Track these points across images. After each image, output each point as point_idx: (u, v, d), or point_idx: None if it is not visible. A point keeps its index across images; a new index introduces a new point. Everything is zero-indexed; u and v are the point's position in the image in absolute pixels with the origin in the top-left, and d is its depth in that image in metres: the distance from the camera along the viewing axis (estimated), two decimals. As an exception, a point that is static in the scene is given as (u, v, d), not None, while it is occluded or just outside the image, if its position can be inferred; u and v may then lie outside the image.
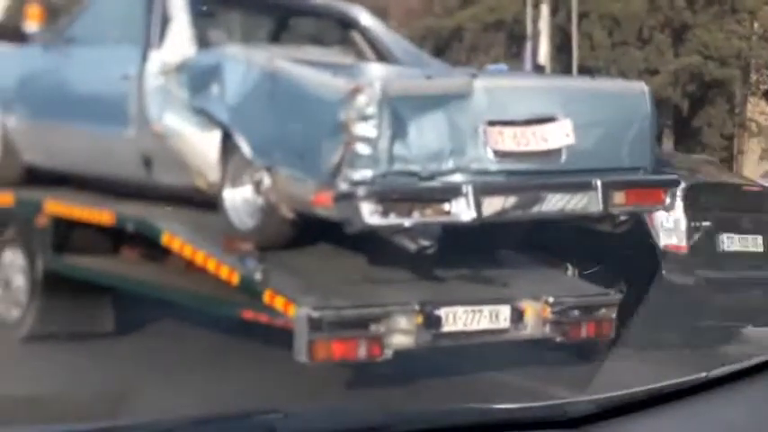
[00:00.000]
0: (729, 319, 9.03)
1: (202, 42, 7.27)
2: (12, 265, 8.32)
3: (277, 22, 8.28)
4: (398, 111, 5.95)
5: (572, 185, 6.42)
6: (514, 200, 6.21)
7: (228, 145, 6.78)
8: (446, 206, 5.99)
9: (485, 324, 6.57)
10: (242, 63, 6.79)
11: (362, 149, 5.87)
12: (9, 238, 8.45)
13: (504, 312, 6.64)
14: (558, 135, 6.39)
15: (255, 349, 7.31)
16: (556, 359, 7.38)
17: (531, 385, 6.87)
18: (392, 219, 5.88)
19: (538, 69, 26.68)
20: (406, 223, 5.94)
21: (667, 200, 6.84)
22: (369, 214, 5.81)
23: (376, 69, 7.42)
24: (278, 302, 6.22)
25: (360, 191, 5.83)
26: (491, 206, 6.09)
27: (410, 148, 5.98)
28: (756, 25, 36.00)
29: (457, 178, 6.10)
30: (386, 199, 5.87)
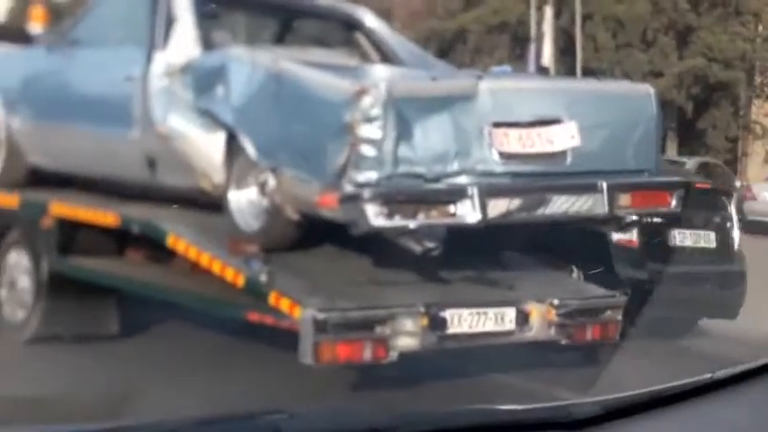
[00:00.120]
0: (682, 312, 9.11)
1: (207, 44, 7.27)
2: (17, 267, 8.31)
3: (281, 24, 8.28)
4: (403, 112, 5.94)
5: (577, 187, 6.41)
6: (520, 202, 6.20)
7: (233, 146, 6.77)
8: (451, 208, 5.98)
9: (490, 326, 6.56)
10: (247, 64, 6.79)
11: (367, 151, 5.86)
12: (14, 240, 8.44)
13: (509, 314, 6.63)
14: (564, 137, 6.38)
15: (260, 350, 7.31)
16: (560, 361, 7.36)
17: (535, 387, 6.86)
18: (397, 220, 5.87)
19: (542, 71, 26.70)
20: (412, 225, 5.93)
21: (673, 202, 6.81)
22: (374, 216, 5.80)
23: (381, 71, 7.42)
24: (283, 304, 6.21)
25: (365, 192, 5.82)
26: (496, 208, 6.07)
27: (415, 150, 5.98)
28: (761, 27, 36.04)
29: (462, 180, 6.09)
30: (391, 201, 5.86)
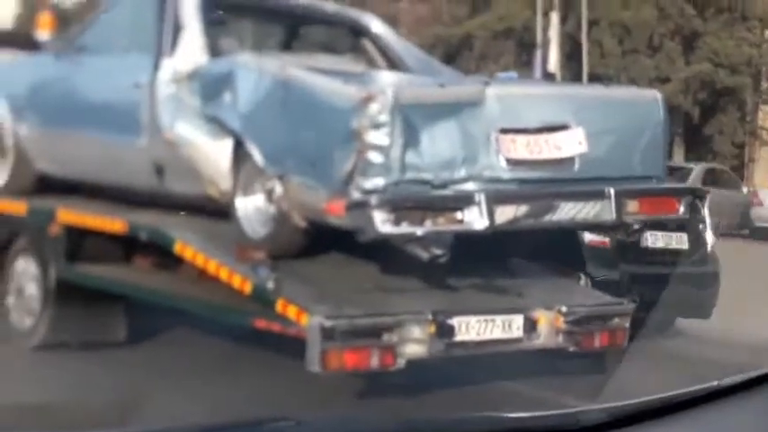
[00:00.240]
0: (656, 313, 9.12)
1: (214, 50, 7.27)
2: (24, 274, 8.31)
3: (288, 30, 8.28)
4: (411, 119, 5.93)
5: (585, 194, 6.39)
6: (527, 208, 6.17)
7: (240, 153, 6.77)
8: (459, 215, 5.96)
9: (498, 333, 6.54)
10: (254, 71, 6.79)
11: (375, 158, 5.85)
12: (22, 247, 8.44)
13: (517, 322, 6.60)
14: (571, 143, 6.37)
15: (267, 357, 7.31)
16: (568, 368, 7.35)
17: (543, 395, 6.84)
18: (404, 227, 5.85)
19: (548, 77, 26.72)
20: (419, 232, 5.91)
21: (681, 209, 6.79)
22: (381, 223, 5.79)
23: (388, 77, 7.42)
24: (290, 311, 6.19)
25: (372, 199, 5.81)
26: (504, 215, 6.06)
27: (422, 157, 5.97)
28: (767, 33, 36.00)
29: (469, 186, 6.08)
30: (398, 207, 5.85)
